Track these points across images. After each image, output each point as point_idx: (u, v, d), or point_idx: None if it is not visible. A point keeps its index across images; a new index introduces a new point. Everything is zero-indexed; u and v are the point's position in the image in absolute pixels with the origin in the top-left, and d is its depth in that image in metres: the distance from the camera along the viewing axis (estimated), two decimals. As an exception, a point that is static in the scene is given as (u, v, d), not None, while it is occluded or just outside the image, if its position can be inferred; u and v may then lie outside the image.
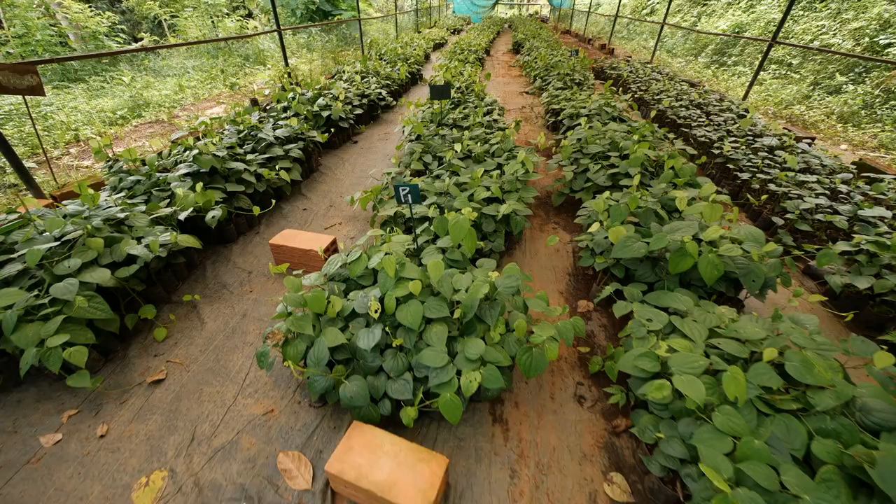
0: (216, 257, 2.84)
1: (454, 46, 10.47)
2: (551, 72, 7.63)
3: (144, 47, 3.86)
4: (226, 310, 2.37)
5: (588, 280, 2.71)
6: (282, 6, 13.57)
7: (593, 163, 3.38)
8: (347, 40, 12.54)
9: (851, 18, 7.28)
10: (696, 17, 12.34)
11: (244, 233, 3.14)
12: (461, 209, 2.47)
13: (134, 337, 2.15)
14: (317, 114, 4.63)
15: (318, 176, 4.20)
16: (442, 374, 1.53)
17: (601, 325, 2.35)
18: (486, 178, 2.96)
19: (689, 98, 6.00)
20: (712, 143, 4.51)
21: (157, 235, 2.18)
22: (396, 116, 6.35)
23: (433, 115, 4.42)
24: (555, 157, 3.74)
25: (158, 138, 5.20)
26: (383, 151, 4.89)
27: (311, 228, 3.25)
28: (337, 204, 3.64)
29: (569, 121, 4.78)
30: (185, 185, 2.71)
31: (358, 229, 3.23)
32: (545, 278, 2.73)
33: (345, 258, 2.00)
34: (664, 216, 2.52)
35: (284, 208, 3.53)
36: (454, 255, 2.05)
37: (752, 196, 3.59)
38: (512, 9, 38.85)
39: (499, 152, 3.50)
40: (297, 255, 2.63)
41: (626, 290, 2.12)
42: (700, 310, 1.86)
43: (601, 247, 2.39)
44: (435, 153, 3.55)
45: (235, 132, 3.83)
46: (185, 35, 9.93)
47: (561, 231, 3.31)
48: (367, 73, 6.83)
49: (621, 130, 3.81)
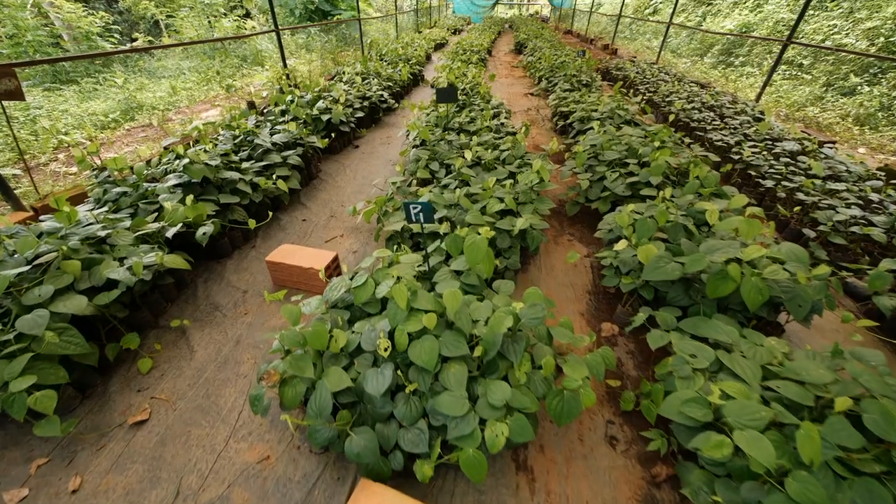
0: (209, 274, 2.64)
1: (456, 47, 10.28)
2: (557, 73, 7.44)
3: (134, 48, 3.66)
4: (218, 335, 2.16)
5: (610, 299, 2.51)
6: (280, 6, 13.36)
7: (610, 170, 3.18)
8: (347, 40, 12.34)
9: (865, 18, 7.10)
10: (700, 16, 12.16)
11: (239, 247, 2.93)
12: (477, 227, 2.28)
13: (116, 369, 1.95)
14: (316, 118, 4.42)
15: (318, 183, 4.00)
16: (463, 424, 1.33)
17: (628, 351, 2.16)
18: (499, 188, 2.77)
19: (701, 100, 5.81)
20: (730, 147, 4.32)
21: (142, 256, 1.98)
22: (398, 119, 6.15)
23: (438, 119, 4.22)
24: (567, 163, 3.54)
25: (150, 143, 5.00)
26: (385, 156, 4.69)
27: (310, 241, 3.05)
28: (338, 214, 3.43)
29: (579, 124, 4.59)
30: (175, 197, 2.50)
31: (361, 242, 3.03)
32: (563, 297, 2.53)
33: (349, 283, 1.80)
34: (694, 232, 2.32)
35: (282, 219, 3.32)
36: (470, 279, 1.85)
37: (775, 205, 3.40)
38: (512, 9, 38.70)
39: (510, 159, 3.30)
40: (296, 274, 2.43)
41: (658, 315, 1.93)
42: (747, 342, 1.66)
43: (628, 266, 2.19)
44: (442, 160, 3.35)
45: (230, 138, 3.63)
46: (182, 35, 9.72)
47: (577, 243, 3.12)
48: (367, 74, 6.63)
49: (638, 136, 3.62)
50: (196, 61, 8.92)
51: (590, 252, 3.00)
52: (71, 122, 5.63)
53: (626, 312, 2.26)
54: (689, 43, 11.63)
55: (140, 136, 5.46)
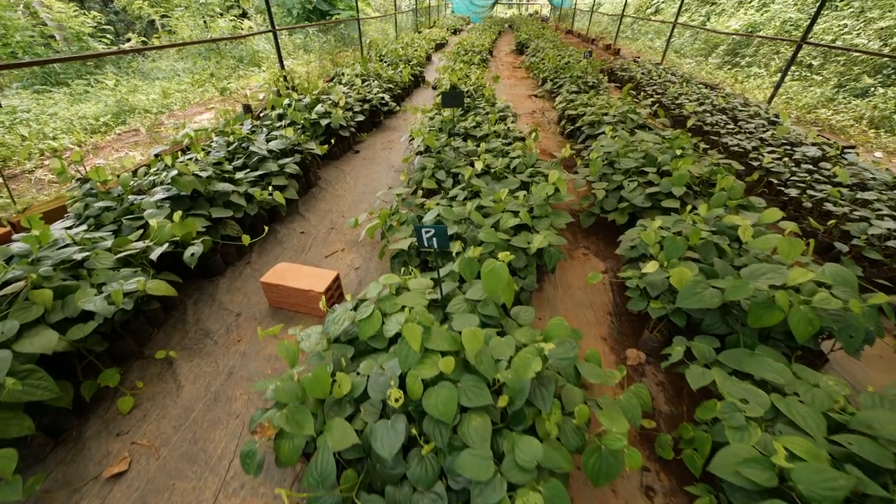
0: (199, 295, 2.44)
1: (457, 47, 10.09)
2: (561, 74, 7.26)
3: (121, 50, 3.46)
4: (208, 367, 1.97)
5: (634, 322, 2.33)
6: (277, 6, 13.14)
7: (627, 180, 3.00)
8: (346, 41, 12.14)
9: (877, 17, 6.94)
10: (704, 16, 12.00)
11: (233, 263, 2.74)
12: (491, 246, 2.09)
13: (93, 408, 1.76)
14: (315, 122, 4.23)
15: (317, 192, 3.80)
16: (488, 492, 1.15)
17: (658, 382, 1.97)
18: (511, 201, 2.58)
19: (712, 102, 5.64)
20: (746, 153, 4.14)
21: (123, 282, 1.78)
22: (400, 122, 5.96)
23: (443, 124, 4.03)
24: (580, 171, 3.36)
25: (141, 148, 4.80)
26: (387, 162, 4.50)
27: (309, 256, 2.86)
28: (339, 225, 3.24)
29: (589, 129, 4.41)
30: (162, 212, 2.31)
31: (363, 257, 2.84)
32: (583, 319, 2.35)
33: (352, 314, 1.61)
34: (727, 250, 2.14)
35: (279, 231, 3.13)
36: (488, 310, 1.66)
37: (805, 217, 3.22)
38: (511, 8, 38.52)
39: (520, 167, 3.11)
40: (294, 296, 2.24)
41: (695, 347, 1.75)
42: (802, 383, 1.48)
43: (657, 289, 2.01)
44: (449, 168, 3.17)
45: (224, 145, 3.43)
46: (178, 36, 9.50)
47: (593, 258, 2.93)
48: (367, 76, 6.43)
49: (655, 142, 3.43)
50: (191, 62, 8.70)
51: (608, 267, 2.82)
52: (60, 126, 5.42)
53: (654, 339, 2.08)
54: (693, 43, 11.47)
55: (131, 140, 5.25)
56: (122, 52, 3.70)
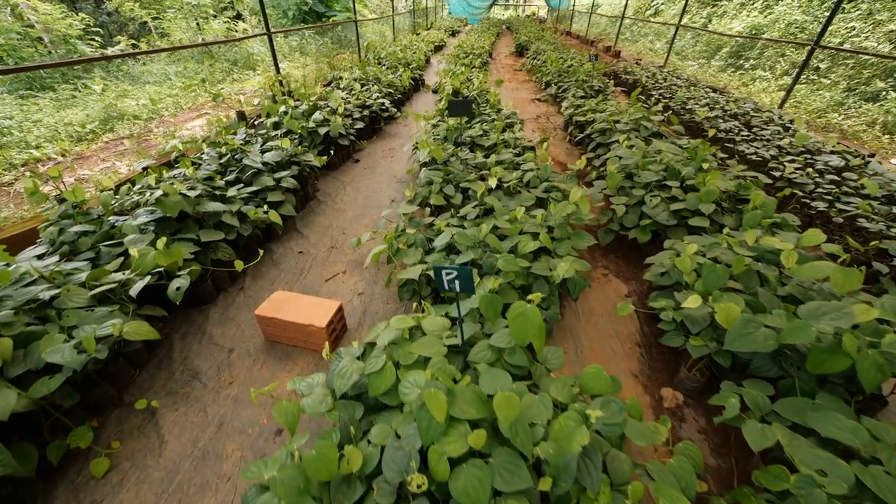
0: (188, 327, 2.22)
1: (456, 50, 9.90)
2: (565, 78, 7.08)
3: (105, 55, 3.22)
4: (195, 416, 1.75)
5: (666, 355, 2.13)
6: (272, 7, 12.90)
7: (649, 194, 2.81)
8: (343, 43, 11.92)
9: (886, 20, 6.82)
10: (706, 18, 11.88)
11: (225, 289, 2.52)
12: (511, 275, 1.89)
13: (62, 473, 1.53)
14: (313, 131, 4.01)
15: (316, 205, 3.58)
16: None
17: (700, 429, 1.77)
18: (527, 220, 2.38)
19: (723, 108, 5.48)
20: (765, 162, 3.97)
21: (97, 327, 1.56)
22: (400, 128, 5.75)
23: (448, 133, 3.83)
24: (596, 183, 3.17)
25: (129, 158, 4.56)
26: (389, 172, 4.29)
27: (308, 279, 2.64)
28: (339, 244, 3.03)
29: (600, 136, 4.22)
30: (145, 237, 2.08)
31: (367, 280, 2.63)
32: (609, 351, 2.15)
33: (361, 365, 1.40)
34: (770, 279, 1.95)
35: (276, 252, 2.91)
36: (516, 358, 1.45)
37: (824, 228, 3.04)
38: (507, 10, 38.44)
39: (534, 181, 2.91)
40: (292, 331, 2.02)
41: (746, 394, 1.55)
42: (884, 446, 1.28)
43: (697, 325, 1.81)
44: (457, 183, 2.96)
45: (216, 157, 3.21)
46: (170, 38, 9.25)
47: (614, 279, 2.74)
48: (367, 80, 6.22)
49: (674, 152, 3.25)
50: (183, 65, 8.45)
51: (631, 290, 2.62)
52: (44, 135, 5.17)
53: (693, 378, 1.88)
54: (695, 45, 11.34)
55: (118, 149, 5.00)
56: (109, 58, 3.47)
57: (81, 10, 11.09)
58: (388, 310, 2.38)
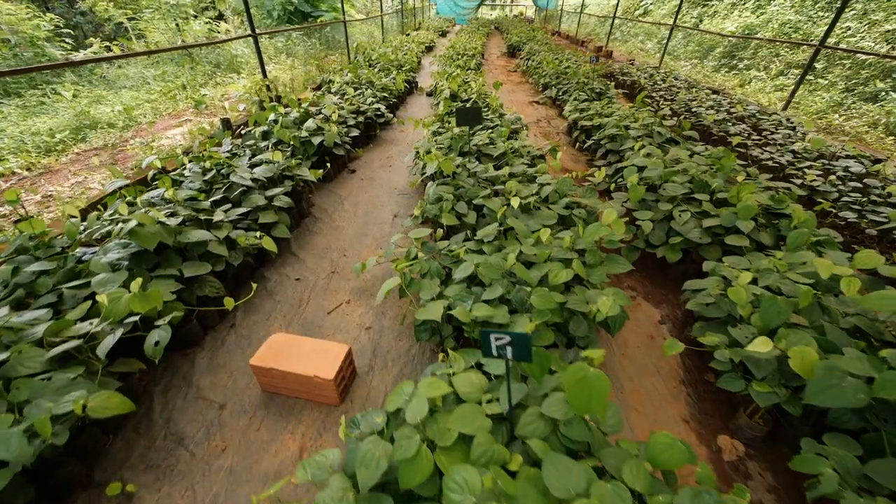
0: (170, 377, 1.92)
1: (449, 51, 9.65)
2: (563, 80, 6.89)
3: (70, 61, 2.87)
4: (182, 498, 1.46)
5: (715, 395, 1.92)
6: (256, 7, 12.44)
7: (677, 209, 2.60)
8: (331, 44, 11.55)
9: (882, 20, 6.81)
10: (696, 18, 11.88)
11: (213, 327, 2.22)
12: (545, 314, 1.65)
13: (12, 587, 1.23)
14: (305, 141, 3.71)
15: (312, 223, 3.29)
16: None
17: (769, 487, 1.56)
18: (552, 242, 2.15)
19: (728, 110, 5.35)
20: (781, 168, 3.82)
21: (56, 401, 1.26)
22: (396, 134, 5.47)
23: (452, 142, 3.57)
24: (615, 195, 2.96)
25: (103, 173, 4.18)
26: (389, 183, 4.01)
27: (308, 311, 2.36)
28: (341, 268, 2.75)
29: (610, 143, 4.01)
30: (118, 277, 1.78)
31: (375, 312, 2.35)
32: (653, 392, 1.93)
33: (386, 447, 1.14)
34: (833, 311, 1.75)
35: (270, 279, 2.61)
36: (574, 432, 1.21)
37: (853, 240, 2.88)
38: (494, 10, 38.34)
39: (553, 197, 2.68)
40: (294, 382, 1.75)
41: (831, 454, 1.34)
42: None
43: (763, 369, 1.59)
44: (469, 199, 2.71)
45: (199, 173, 2.89)
46: (148, 39, 8.77)
47: (642, 301, 2.52)
48: (359, 83, 5.92)
49: (699, 162, 3.05)
50: (162, 69, 8.00)
51: (663, 316, 2.41)
52: (8, 146, 4.74)
53: (755, 426, 1.67)
54: (687, 45, 11.31)
55: (91, 161, 4.61)
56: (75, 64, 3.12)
57: (53, 11, 10.50)
58: (400, 348, 2.11)
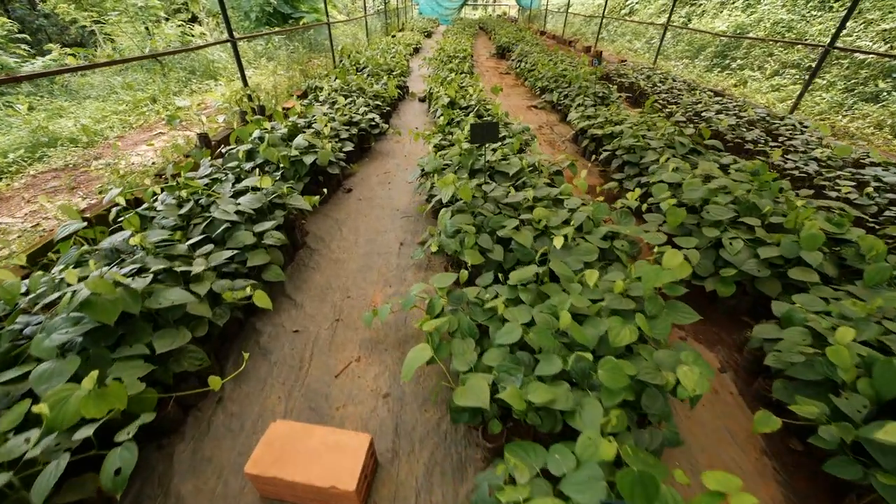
0: (141, 483, 1.52)
1: (438, 53, 9.30)
2: (562, 83, 6.62)
3: (11, 77, 2.41)
4: None
5: (806, 468, 1.62)
6: (233, 8, 11.83)
7: (726, 235, 2.32)
8: (314, 47, 11.05)
9: (878, 19, 6.76)
10: (684, 17, 11.82)
11: (195, 405, 1.81)
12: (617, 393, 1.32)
13: None
14: (297, 160, 3.30)
15: (307, 256, 2.89)
16: None
17: None
18: (600, 284, 1.83)
19: (737, 114, 5.15)
20: (809, 178, 3.60)
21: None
22: (392, 145, 5.09)
23: (462, 158, 3.22)
24: (648, 217, 2.66)
25: (64, 196, 3.68)
26: (390, 204, 3.64)
27: (312, 375, 1.98)
28: (346, 313, 2.37)
29: (627, 154, 3.73)
30: (67, 367, 1.37)
31: (390, 371, 1.99)
32: (732, 465, 1.62)
33: None
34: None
35: (262, 332, 2.22)
36: None
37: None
38: (476, 10, 38.12)
39: (588, 225, 2.36)
40: (301, 491, 1.37)
41: None
42: None
43: (892, 458, 1.30)
44: (492, 230, 2.37)
45: (174, 205, 2.47)
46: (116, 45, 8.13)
47: (692, 341, 2.23)
48: (349, 91, 5.52)
49: (739, 179, 2.79)
50: (131, 76, 7.41)
51: (722, 362, 2.11)
52: (-49, 168, 4.18)
53: (875, 521, 1.38)
54: (676, 45, 11.23)
55: (51, 184, 4.09)
56: (20, 79, 2.65)
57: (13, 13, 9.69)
58: (428, 422, 1.75)
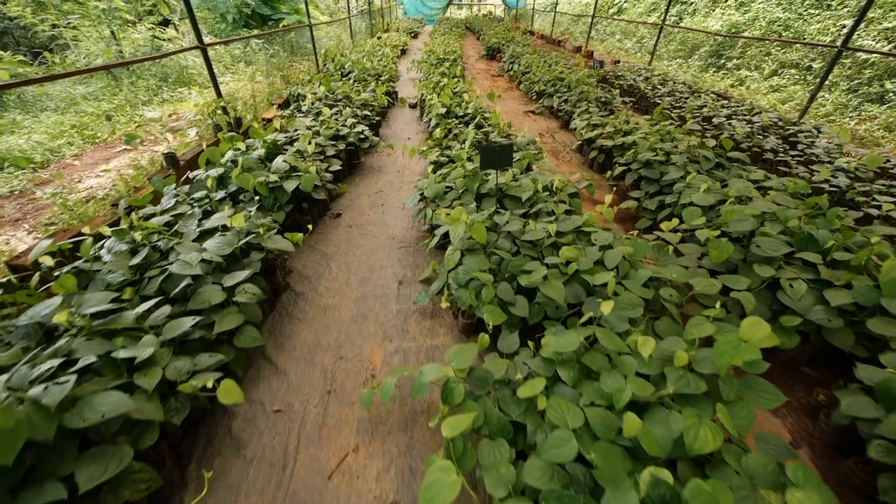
0: None
1: (427, 55, 8.89)
2: (560, 87, 6.30)
3: None
4: None
5: None
6: (209, 10, 11.21)
7: (785, 276, 1.98)
8: (296, 50, 10.52)
9: (879, 17, 6.61)
10: (675, 16, 11.65)
11: (146, 534, 1.39)
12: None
13: None
14: (276, 187, 2.87)
15: (291, 302, 2.47)
16: None
17: None
18: (654, 356, 1.47)
19: (750, 119, 4.88)
20: (842, 192, 3.32)
21: None
22: (384, 159, 4.67)
23: (467, 181, 2.84)
24: (683, 248, 2.33)
25: (10, 230, 3.17)
26: (384, 231, 3.23)
27: (298, 477, 1.57)
28: (339, 382, 1.96)
29: (645, 169, 3.39)
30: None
31: (398, 468, 1.60)
32: None
33: None
34: None
35: (236, 416, 1.80)
36: None
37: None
38: (461, 9, 37.74)
39: (624, 267, 2.00)
40: None
41: None
42: None
43: None
44: (511, 276, 1.99)
45: (125, 254, 2.03)
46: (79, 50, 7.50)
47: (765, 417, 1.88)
48: (335, 99, 5.08)
49: (786, 203, 2.46)
50: (95, 84, 6.83)
51: (793, 433, 1.78)
52: None
53: None
54: (668, 44, 11.04)
55: None
56: None
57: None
58: (449, 545, 1.37)
